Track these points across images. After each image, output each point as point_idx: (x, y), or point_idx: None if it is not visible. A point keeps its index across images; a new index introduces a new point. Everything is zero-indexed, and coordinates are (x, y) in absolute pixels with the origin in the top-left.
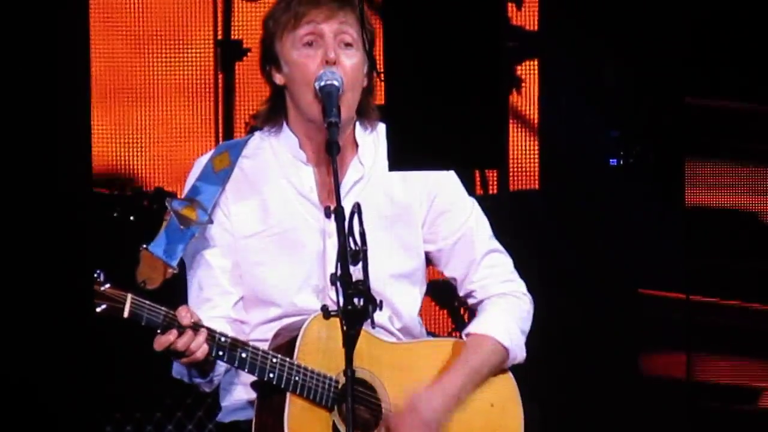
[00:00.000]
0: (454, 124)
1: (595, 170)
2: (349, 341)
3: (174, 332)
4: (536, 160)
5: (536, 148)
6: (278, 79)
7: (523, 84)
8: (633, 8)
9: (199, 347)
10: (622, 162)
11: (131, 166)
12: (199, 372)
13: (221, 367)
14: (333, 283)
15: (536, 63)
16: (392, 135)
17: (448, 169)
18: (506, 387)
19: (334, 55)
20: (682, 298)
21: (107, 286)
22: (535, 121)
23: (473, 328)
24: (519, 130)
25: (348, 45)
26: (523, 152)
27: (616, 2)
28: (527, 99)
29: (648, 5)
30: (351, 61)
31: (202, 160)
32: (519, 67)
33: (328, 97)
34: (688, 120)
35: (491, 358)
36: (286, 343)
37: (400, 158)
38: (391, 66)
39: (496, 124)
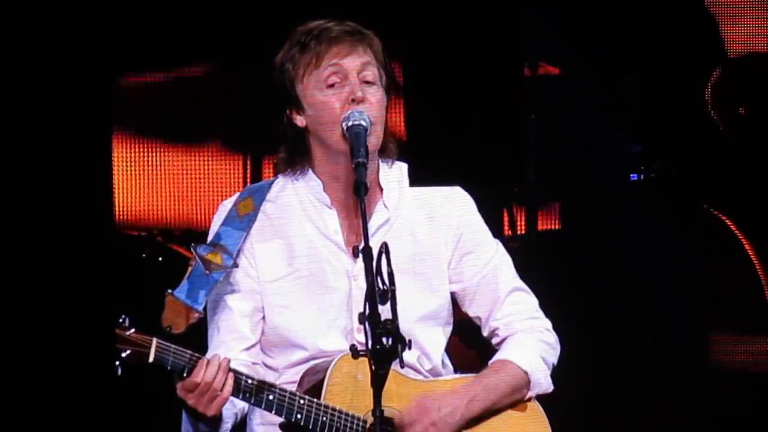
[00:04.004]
0: (474, 141)
1: (618, 186)
2: (379, 381)
3: (201, 371)
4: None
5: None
6: (300, 122)
7: None
8: (651, 21)
9: (224, 385)
10: (643, 177)
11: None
12: (210, 427)
13: (230, 421)
14: (361, 322)
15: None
16: (412, 150)
17: (467, 181)
18: (535, 418)
19: (361, 94)
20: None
21: (132, 331)
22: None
23: (493, 358)
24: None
25: (369, 83)
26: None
27: (633, 15)
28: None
29: (666, 18)
30: (375, 97)
31: (227, 205)
32: None
33: (356, 138)
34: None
35: (509, 378)
36: (313, 383)
37: (420, 173)
38: (412, 83)
39: (515, 139)
